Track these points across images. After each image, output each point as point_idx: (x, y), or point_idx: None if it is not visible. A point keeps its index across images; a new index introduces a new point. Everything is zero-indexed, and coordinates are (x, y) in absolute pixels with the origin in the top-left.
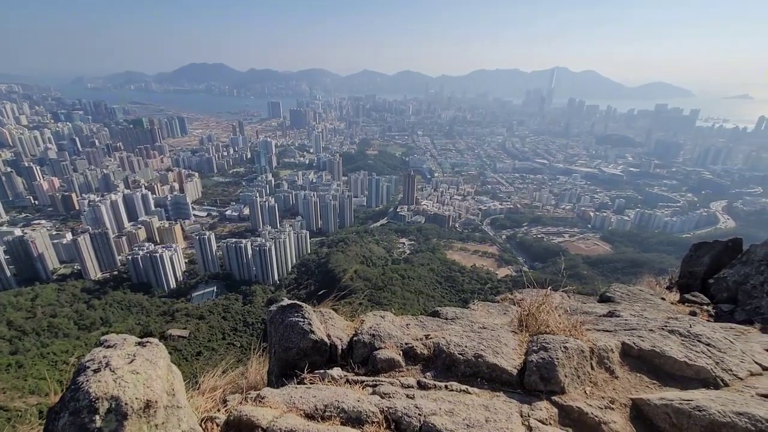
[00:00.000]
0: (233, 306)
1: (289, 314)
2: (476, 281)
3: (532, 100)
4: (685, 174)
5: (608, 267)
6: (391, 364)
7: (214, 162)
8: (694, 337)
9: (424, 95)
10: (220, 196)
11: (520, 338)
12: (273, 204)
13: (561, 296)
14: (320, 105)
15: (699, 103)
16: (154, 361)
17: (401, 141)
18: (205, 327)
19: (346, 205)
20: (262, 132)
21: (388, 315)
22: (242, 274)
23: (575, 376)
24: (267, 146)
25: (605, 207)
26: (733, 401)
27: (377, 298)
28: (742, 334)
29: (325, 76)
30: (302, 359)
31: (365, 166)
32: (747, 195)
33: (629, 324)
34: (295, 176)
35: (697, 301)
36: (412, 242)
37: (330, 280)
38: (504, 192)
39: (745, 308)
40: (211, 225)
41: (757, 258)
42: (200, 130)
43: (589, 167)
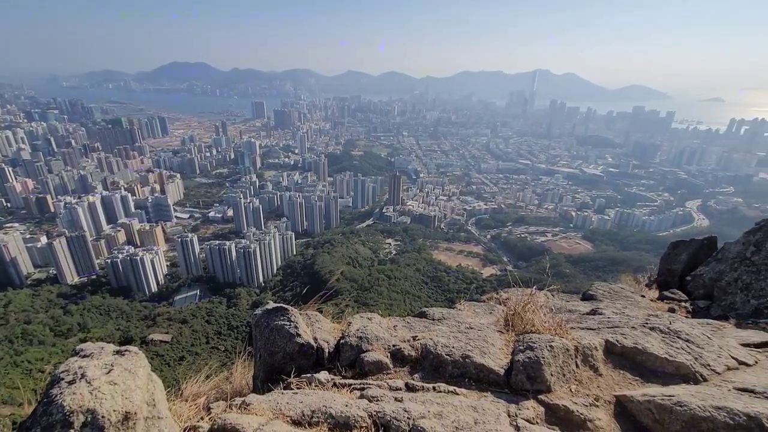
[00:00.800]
0: (217, 309)
1: (275, 317)
2: (462, 281)
3: (515, 101)
4: (662, 174)
5: (590, 265)
6: (379, 367)
7: (197, 163)
8: (673, 333)
9: (409, 96)
10: (202, 198)
11: (506, 338)
12: (257, 205)
13: (545, 295)
14: (305, 105)
15: (675, 105)
16: (133, 370)
17: (386, 142)
18: (188, 331)
19: (331, 206)
20: (246, 132)
21: (375, 317)
22: (226, 277)
23: (561, 374)
24: (251, 147)
25: (586, 207)
26: (712, 396)
27: (364, 299)
28: (718, 330)
29: (310, 77)
30: (288, 363)
31: (351, 167)
32: (720, 194)
33: (612, 322)
34: (280, 177)
35: (676, 298)
36: (398, 243)
37: (316, 281)
38: (488, 192)
39: (720, 304)
40: (194, 227)
41: (730, 255)
42: (182, 131)
43: (570, 168)
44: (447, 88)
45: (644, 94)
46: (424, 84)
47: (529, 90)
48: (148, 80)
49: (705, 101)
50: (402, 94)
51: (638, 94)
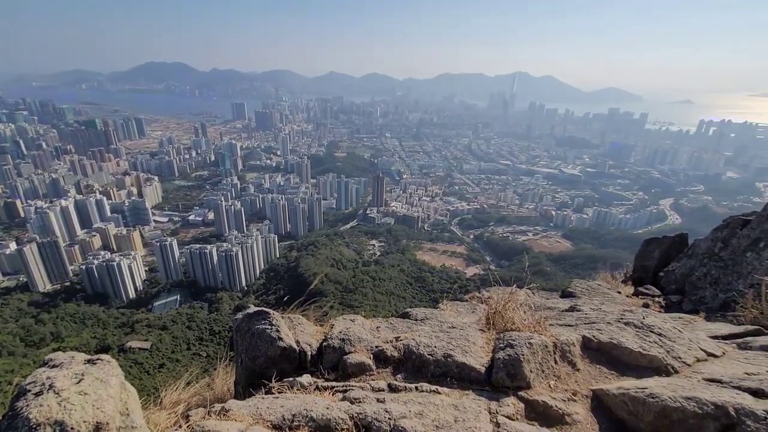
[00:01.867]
0: (198, 314)
1: (256, 321)
2: (446, 281)
3: (496, 103)
4: (637, 174)
5: (569, 263)
6: (362, 368)
7: (176, 165)
8: (647, 328)
9: (391, 98)
10: (182, 201)
11: (487, 336)
12: (239, 208)
13: (526, 293)
14: (287, 107)
15: (647, 107)
16: (105, 379)
17: (369, 143)
18: (168, 338)
19: (315, 207)
20: (227, 134)
21: (358, 318)
22: (208, 281)
23: (540, 370)
24: (232, 148)
25: (565, 206)
26: (682, 387)
27: (348, 301)
28: (689, 323)
29: (292, 78)
30: (270, 367)
31: (334, 169)
32: (691, 193)
33: (589, 318)
34: (262, 179)
35: (650, 294)
36: (382, 244)
37: (300, 284)
38: (471, 193)
39: (691, 299)
40: (173, 231)
41: (700, 252)
42: (160, 132)
43: (549, 168)
44: (429, 89)
45: (618, 96)
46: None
47: (509, 92)
48: (123, 80)
49: (675, 103)
50: (384, 96)
51: (613, 96)
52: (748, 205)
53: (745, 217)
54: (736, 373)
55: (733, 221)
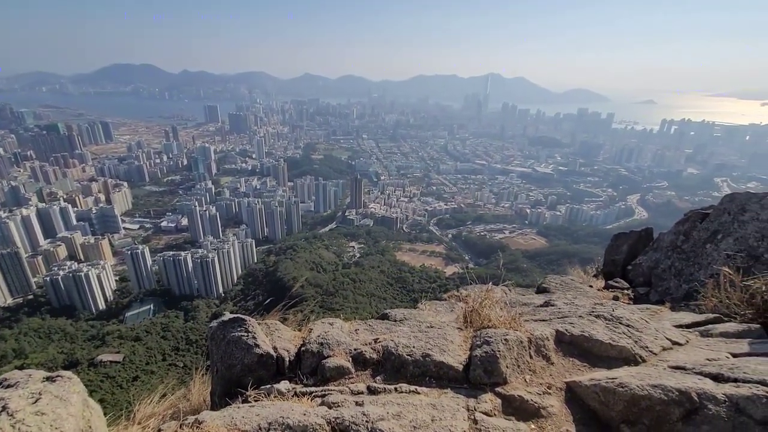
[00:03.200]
0: (173, 324)
1: (231, 329)
2: (426, 280)
3: (470, 104)
4: (606, 171)
5: (545, 259)
6: (341, 372)
7: (146, 170)
8: (616, 319)
9: (367, 99)
10: (153, 207)
11: (465, 334)
12: (214, 213)
13: (502, 290)
14: (261, 109)
15: (613, 107)
16: (65, 397)
17: (346, 144)
18: (141, 349)
19: (293, 211)
20: (199, 137)
21: (336, 322)
22: (183, 289)
23: (516, 366)
24: (205, 152)
25: (539, 204)
26: (649, 375)
27: (329, 304)
28: (655, 314)
29: (266, 79)
30: (247, 376)
31: (311, 171)
32: (656, 189)
33: (562, 312)
34: (238, 183)
35: (619, 287)
36: (361, 245)
37: (279, 289)
38: (448, 192)
39: (657, 290)
40: (145, 238)
41: (664, 245)
42: (128, 136)
43: (523, 167)
44: (404, 91)
45: (586, 96)
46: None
47: (483, 93)
48: (87, 83)
49: (639, 103)
50: (360, 97)
51: (581, 97)
52: (707, 199)
53: (704, 211)
54: (698, 359)
55: (693, 215)
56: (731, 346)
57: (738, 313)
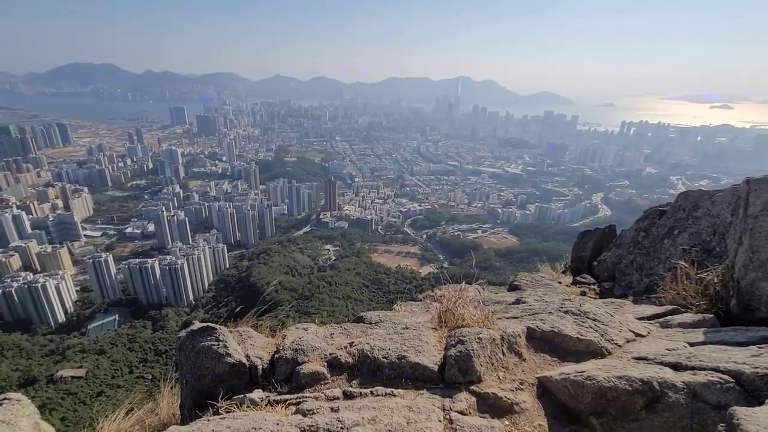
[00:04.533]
0: (141, 334)
1: (201, 338)
2: (401, 281)
3: (442, 106)
4: (571, 171)
5: (516, 257)
6: (316, 378)
7: (108, 174)
8: (583, 314)
9: (340, 101)
10: (117, 213)
11: (439, 334)
12: (183, 218)
13: (476, 289)
14: (231, 111)
15: (577, 110)
16: (12, 422)
17: (320, 147)
18: (106, 362)
19: (265, 214)
20: (166, 140)
21: (311, 327)
22: (150, 298)
23: (489, 363)
24: (172, 155)
25: (510, 203)
26: (615, 367)
27: (304, 309)
28: (619, 307)
29: (235, 81)
30: (218, 386)
31: (284, 174)
32: (617, 187)
33: (533, 309)
34: (207, 187)
35: (586, 282)
36: (337, 248)
37: (253, 294)
38: (422, 193)
39: (621, 284)
40: (108, 245)
41: (626, 241)
42: (88, 139)
43: (494, 168)
44: (376, 93)
45: (552, 99)
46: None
47: (454, 95)
48: (41, 82)
49: (600, 106)
50: (332, 99)
51: (547, 100)
52: (664, 196)
53: (661, 208)
54: (659, 350)
55: (652, 212)
56: (688, 335)
57: (694, 304)
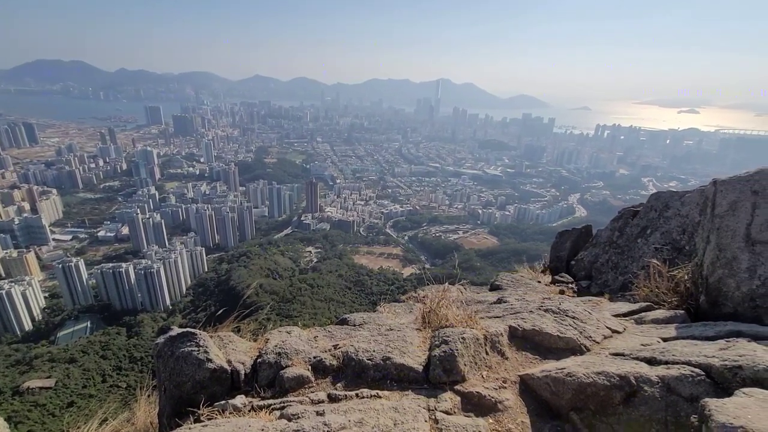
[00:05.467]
0: (115, 341)
1: (180, 344)
2: (384, 283)
3: (422, 108)
4: (549, 173)
5: (496, 258)
6: (300, 381)
7: (79, 176)
8: (563, 312)
9: (321, 102)
10: (88, 216)
11: (423, 335)
12: (159, 220)
13: (458, 289)
14: (209, 111)
15: (553, 112)
16: None
17: (300, 148)
18: (77, 371)
19: (245, 216)
20: (141, 140)
21: (294, 329)
22: (125, 303)
23: (473, 363)
24: (147, 156)
25: (490, 204)
26: (593, 363)
27: (286, 311)
28: (596, 305)
29: (213, 80)
30: (199, 393)
31: (264, 175)
32: (593, 188)
33: (514, 308)
34: (185, 188)
35: (564, 281)
36: (318, 250)
37: (232, 298)
38: (403, 195)
39: (597, 282)
40: (80, 249)
41: (602, 240)
42: (57, 139)
43: (474, 169)
44: (357, 94)
45: (529, 102)
46: (335, 90)
47: (434, 98)
48: (6, 80)
49: (576, 109)
50: (313, 100)
51: (524, 103)
52: (636, 197)
53: (634, 209)
54: (634, 345)
55: (625, 212)
56: (661, 331)
57: (666, 300)
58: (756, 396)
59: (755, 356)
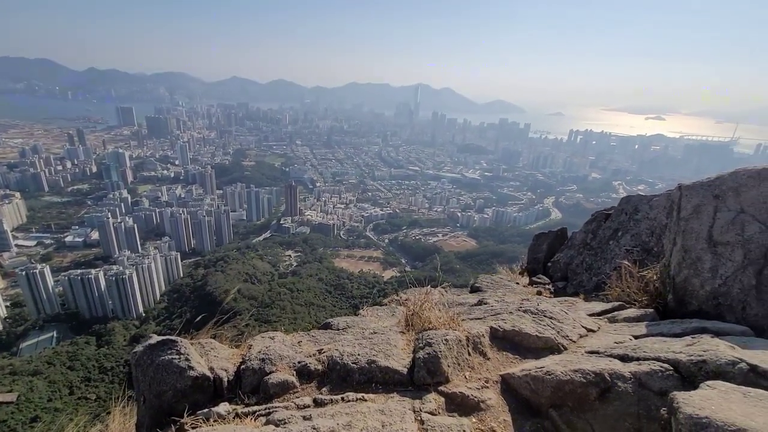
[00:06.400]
0: (83, 351)
1: (161, 352)
2: (365, 286)
3: (402, 112)
4: (525, 176)
5: (476, 260)
6: (285, 387)
7: (44, 178)
8: (541, 313)
9: (300, 105)
10: (55, 220)
11: (407, 337)
12: (131, 224)
13: (440, 292)
14: (184, 112)
15: (528, 118)
16: None
17: (279, 151)
18: (42, 384)
19: (222, 220)
20: (112, 142)
21: (278, 335)
22: (94, 311)
23: (456, 364)
24: (119, 158)
25: (469, 207)
26: (570, 361)
27: (265, 317)
28: (572, 305)
29: (189, 81)
30: (180, 402)
31: (242, 178)
32: (567, 192)
33: (494, 309)
34: (159, 191)
35: (541, 282)
36: (298, 254)
37: (209, 304)
38: (383, 198)
39: (573, 283)
40: (45, 256)
41: (576, 242)
42: (20, 140)
43: (453, 173)
44: (338, 97)
45: (506, 108)
46: (314, 93)
47: (414, 102)
48: None
49: (550, 115)
50: (292, 103)
51: (501, 108)
52: (608, 200)
53: (606, 212)
54: (608, 343)
55: (598, 215)
56: (633, 329)
57: (637, 300)
58: (719, 388)
59: (718, 351)
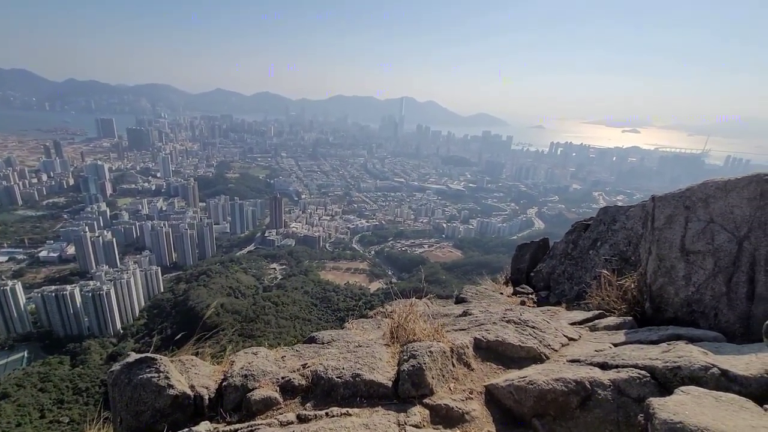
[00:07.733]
0: (56, 371)
1: (139, 371)
2: (351, 298)
3: (387, 125)
4: (509, 187)
5: (461, 270)
6: (268, 403)
7: (18, 191)
8: (524, 323)
9: (285, 117)
10: (29, 235)
11: (392, 350)
12: (110, 238)
13: (425, 303)
14: (167, 124)
15: (511, 130)
16: None
17: (264, 163)
18: (10, 407)
19: (205, 233)
20: (91, 154)
21: (261, 350)
22: (69, 329)
23: (441, 376)
24: (98, 170)
25: (454, 218)
26: (552, 371)
27: (249, 332)
28: (554, 314)
29: (171, 93)
30: (159, 421)
31: (226, 191)
32: (549, 202)
33: (479, 320)
34: (139, 204)
35: (525, 292)
36: (283, 266)
37: (191, 319)
38: (369, 210)
39: (555, 292)
40: (17, 272)
41: (558, 253)
42: None
43: (438, 184)
44: (323, 110)
45: (489, 120)
46: (300, 105)
47: (398, 114)
48: None
49: (531, 128)
50: (277, 115)
51: (484, 121)
52: (588, 210)
53: (585, 222)
54: (589, 352)
55: (578, 226)
56: (612, 337)
57: (616, 308)
58: (692, 393)
59: (692, 357)
